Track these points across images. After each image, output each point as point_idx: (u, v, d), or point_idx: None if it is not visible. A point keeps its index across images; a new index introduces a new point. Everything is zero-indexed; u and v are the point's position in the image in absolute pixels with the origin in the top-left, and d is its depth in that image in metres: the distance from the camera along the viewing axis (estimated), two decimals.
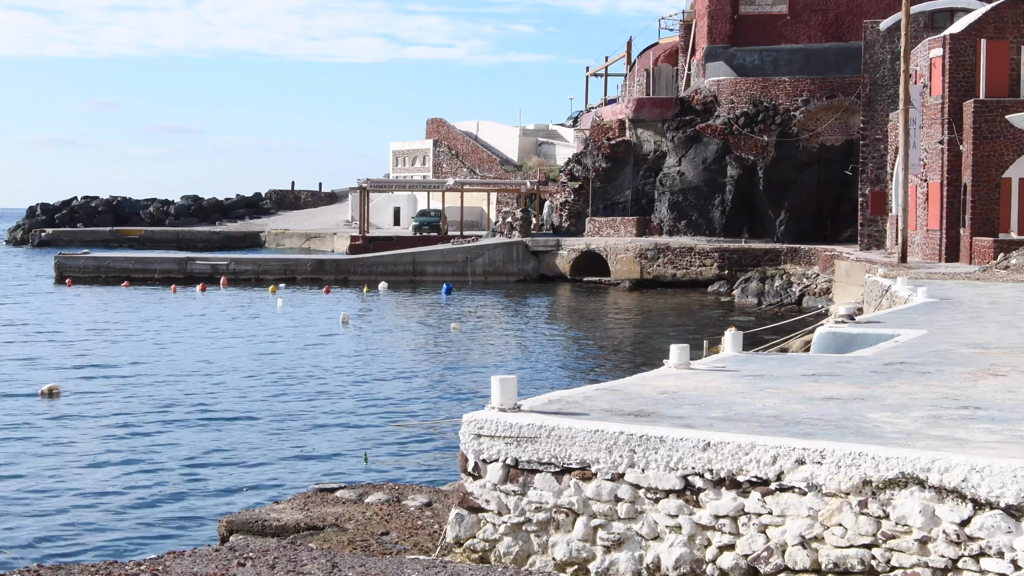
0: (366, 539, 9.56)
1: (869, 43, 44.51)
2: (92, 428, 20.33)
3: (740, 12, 58.32)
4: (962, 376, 10.81)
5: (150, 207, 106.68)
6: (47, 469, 17.15)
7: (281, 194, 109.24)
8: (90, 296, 49.33)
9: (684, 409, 8.63)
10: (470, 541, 8.23)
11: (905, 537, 6.86)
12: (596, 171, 60.79)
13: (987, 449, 7.12)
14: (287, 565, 7.00)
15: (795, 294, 44.69)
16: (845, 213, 52.95)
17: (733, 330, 13.08)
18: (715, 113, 56.62)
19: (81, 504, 15.18)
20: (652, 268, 52.69)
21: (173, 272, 56.66)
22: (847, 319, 16.84)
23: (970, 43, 36.93)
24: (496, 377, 8.48)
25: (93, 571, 6.87)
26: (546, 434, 7.99)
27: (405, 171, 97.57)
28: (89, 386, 24.98)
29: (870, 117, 44.65)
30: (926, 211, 38.53)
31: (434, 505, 10.66)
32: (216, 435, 19.80)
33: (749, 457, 7.34)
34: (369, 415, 21.92)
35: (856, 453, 7.06)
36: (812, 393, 9.57)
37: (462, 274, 56.01)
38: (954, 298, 21.36)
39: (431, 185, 75.25)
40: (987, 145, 35.69)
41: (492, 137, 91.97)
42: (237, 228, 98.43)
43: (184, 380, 25.98)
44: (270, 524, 9.99)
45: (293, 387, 25.16)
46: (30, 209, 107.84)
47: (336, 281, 55.18)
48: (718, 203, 56.11)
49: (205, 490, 15.97)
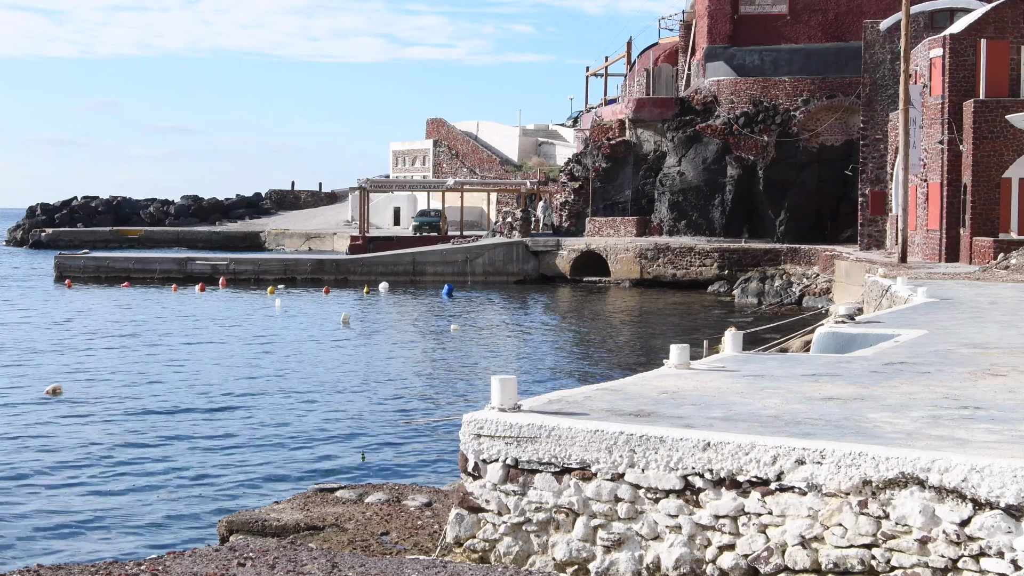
0: (366, 539, 9.56)
1: (869, 43, 44.50)
2: (92, 428, 20.32)
3: (740, 12, 58.30)
4: (962, 376, 10.81)
5: (150, 207, 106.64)
6: (47, 469, 17.15)
7: (281, 194, 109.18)
8: (90, 296, 49.33)
9: (684, 409, 8.63)
10: (470, 541, 8.23)
11: (905, 537, 6.86)
12: (596, 171, 60.78)
13: (987, 449, 7.12)
14: (287, 565, 7.00)
15: (795, 294, 44.69)
16: (845, 213, 52.94)
17: (733, 330, 13.09)
18: (715, 113, 56.61)
19: (81, 504, 15.18)
20: (652, 268, 52.68)
21: (173, 272, 56.67)
22: (847, 319, 16.84)
23: (970, 43, 36.94)
24: (496, 377, 8.48)
25: (93, 571, 6.87)
26: (546, 434, 8.00)
27: (405, 171, 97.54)
28: (89, 386, 24.97)
29: (870, 117, 44.65)
30: (926, 211, 38.54)
31: (434, 505, 10.67)
32: (216, 435, 19.80)
33: (749, 457, 7.34)
34: (369, 415, 21.92)
35: (856, 453, 7.06)
36: (812, 393, 9.57)
37: (462, 274, 56.00)
38: (954, 298, 21.36)
39: (431, 185, 75.22)
40: (987, 145, 35.69)
41: (492, 137, 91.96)
42: (237, 228, 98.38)
43: (184, 380, 25.97)
44: (270, 524, 9.99)
45: (293, 387, 25.16)
46: (30, 209, 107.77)
47: (336, 281, 55.16)
48: (718, 203, 56.10)
49: (205, 490, 15.97)
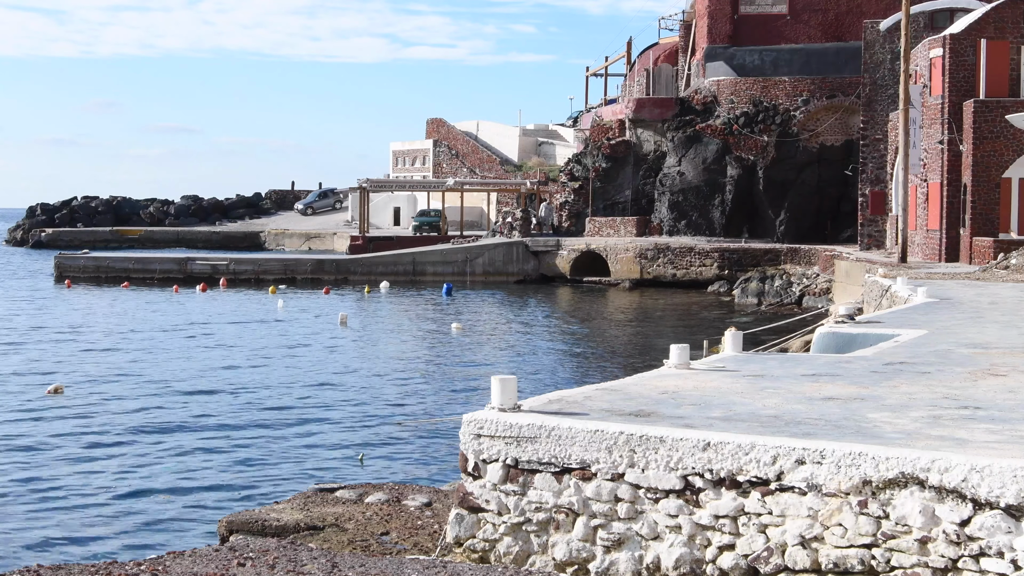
0: (366, 539, 9.56)
1: (869, 43, 44.51)
2: (92, 428, 20.32)
3: (740, 12, 58.30)
4: (962, 376, 10.81)
5: (150, 207, 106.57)
6: (47, 469, 17.14)
7: (281, 194, 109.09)
8: (90, 296, 49.33)
9: (684, 409, 8.63)
10: (470, 541, 8.23)
11: (905, 537, 6.86)
12: (596, 171, 60.78)
13: (987, 449, 7.12)
14: (287, 565, 7.00)
15: (795, 294, 44.68)
16: (845, 213, 52.95)
17: (733, 330, 13.08)
18: (715, 113, 56.60)
19: (81, 504, 15.18)
20: (652, 268, 52.68)
21: (173, 272, 56.66)
22: (847, 319, 16.84)
23: (970, 43, 36.94)
24: (496, 377, 8.48)
25: (93, 571, 6.87)
26: (546, 434, 7.99)
27: (405, 171, 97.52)
28: (89, 386, 24.97)
29: (870, 117, 44.66)
30: (926, 211, 38.54)
31: (434, 505, 10.67)
32: (216, 435, 19.80)
33: (749, 457, 7.34)
34: (369, 415, 21.92)
35: (856, 453, 7.06)
36: (812, 393, 9.57)
37: (462, 274, 56.00)
38: (954, 298, 21.36)
39: (431, 185, 75.20)
40: (987, 145, 35.70)
41: (492, 137, 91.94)
42: (237, 228, 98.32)
43: (184, 380, 25.97)
44: (270, 524, 9.99)
45: (293, 387, 25.16)
46: (30, 209, 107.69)
47: (336, 281, 55.16)
48: (718, 203, 56.10)
49: (205, 490, 15.97)
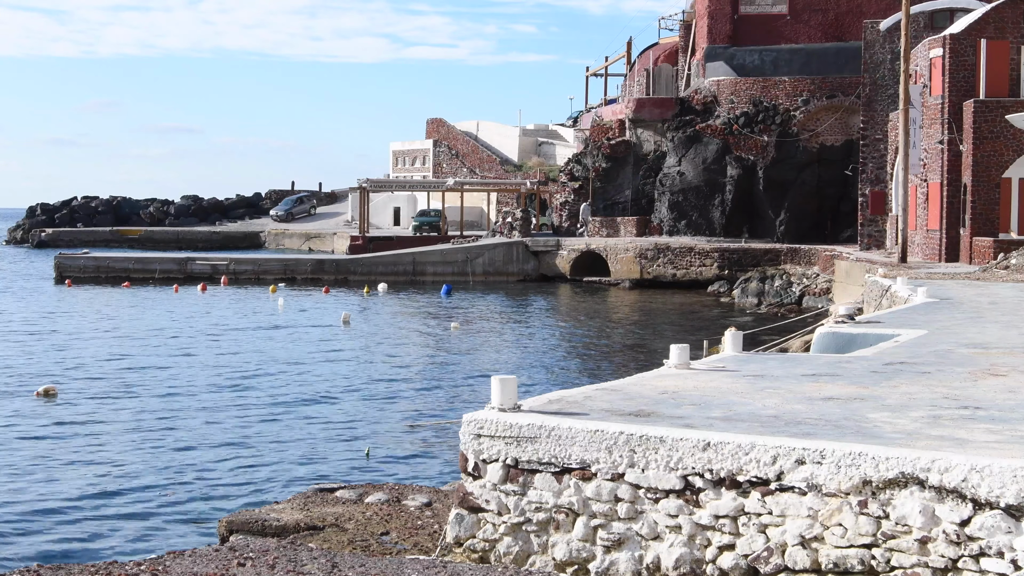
0: (366, 539, 9.56)
1: (869, 43, 44.50)
2: (92, 428, 20.32)
3: (740, 12, 58.30)
4: (962, 376, 10.81)
5: (150, 207, 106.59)
6: (47, 469, 17.14)
7: (281, 194, 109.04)
8: (90, 296, 49.32)
9: (684, 409, 8.63)
10: (470, 541, 8.23)
11: (905, 537, 6.86)
12: (596, 171, 60.78)
13: (987, 449, 7.12)
14: (287, 565, 7.00)
15: (795, 294, 44.66)
16: (845, 213, 52.94)
17: (733, 330, 13.08)
18: (715, 113, 56.60)
19: (81, 504, 15.18)
20: (652, 268, 52.67)
21: (173, 272, 56.64)
22: (847, 319, 16.84)
23: (970, 43, 36.94)
24: (496, 377, 8.48)
25: (93, 571, 6.87)
26: (546, 434, 7.99)
27: (405, 171, 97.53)
28: (89, 386, 24.97)
29: (870, 117, 44.65)
30: (926, 211, 38.54)
31: (434, 505, 10.67)
32: (216, 435, 19.79)
33: (749, 457, 7.34)
34: (369, 415, 21.92)
35: (856, 453, 7.06)
36: (812, 393, 9.56)
37: (462, 274, 55.99)
38: (954, 298, 21.36)
39: (431, 185, 75.19)
40: (987, 145, 35.69)
41: (492, 137, 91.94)
42: (237, 228, 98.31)
43: (184, 380, 25.97)
44: (270, 524, 9.99)
45: (293, 387, 25.16)
46: (30, 209, 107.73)
47: (336, 281, 55.15)
48: (718, 203, 56.09)
49: (205, 490, 15.97)
